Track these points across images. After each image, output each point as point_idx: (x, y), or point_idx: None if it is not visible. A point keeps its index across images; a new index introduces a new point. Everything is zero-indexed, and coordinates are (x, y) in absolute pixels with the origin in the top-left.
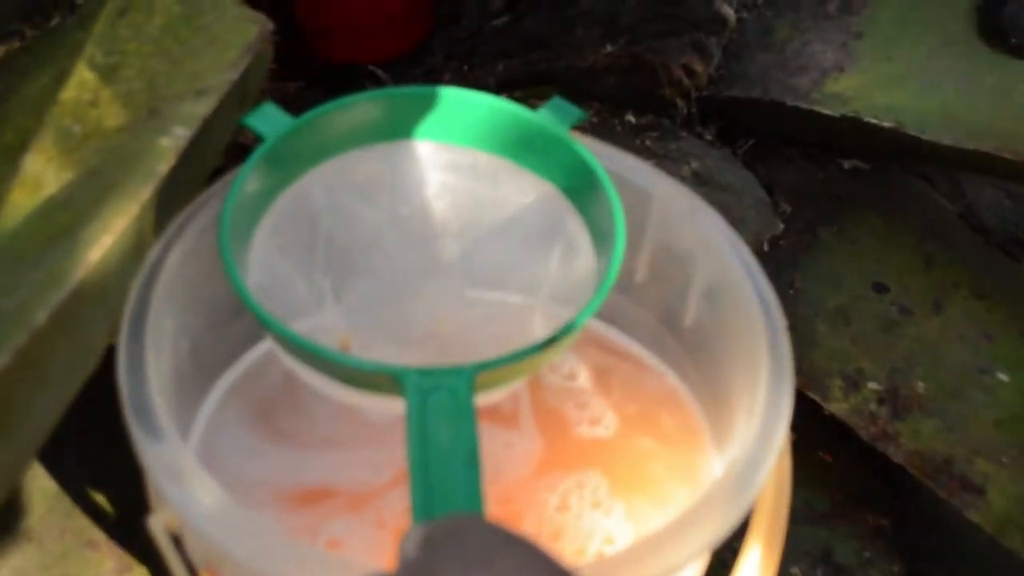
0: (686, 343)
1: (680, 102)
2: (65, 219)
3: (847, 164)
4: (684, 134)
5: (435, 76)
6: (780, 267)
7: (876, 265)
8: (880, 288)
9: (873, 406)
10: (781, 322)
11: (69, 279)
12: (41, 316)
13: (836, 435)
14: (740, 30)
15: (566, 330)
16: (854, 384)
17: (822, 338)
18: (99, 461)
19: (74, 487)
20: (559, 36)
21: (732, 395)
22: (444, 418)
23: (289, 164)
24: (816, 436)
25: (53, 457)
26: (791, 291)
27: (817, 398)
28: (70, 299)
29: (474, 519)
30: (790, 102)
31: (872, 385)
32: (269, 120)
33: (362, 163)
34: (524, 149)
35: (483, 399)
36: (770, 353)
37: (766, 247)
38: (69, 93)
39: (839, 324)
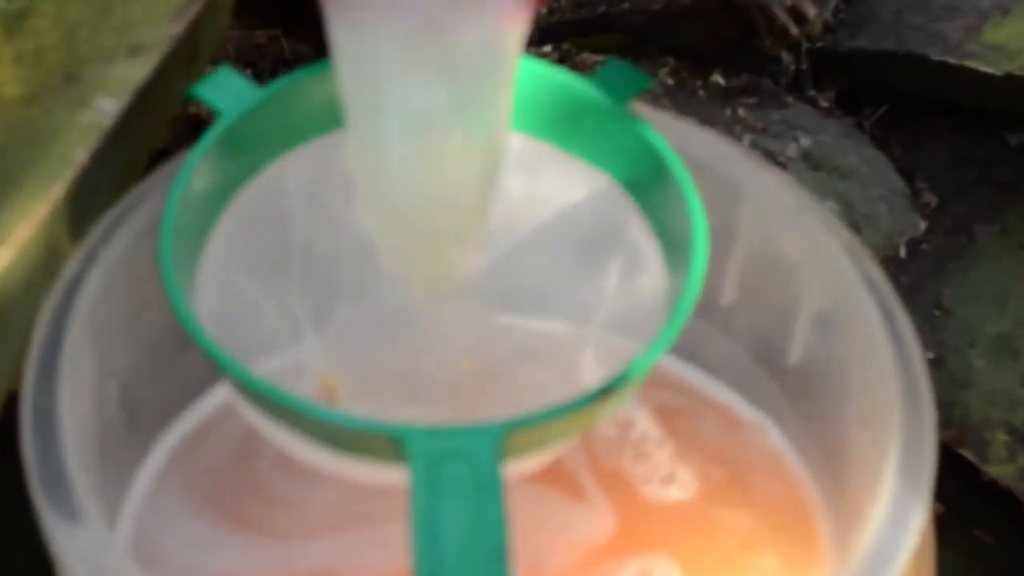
0: (789, 386)
1: (786, 57)
2: None
3: (1014, 140)
4: (791, 100)
5: None
6: (922, 281)
7: None
8: None
9: None
10: (919, 357)
11: None
12: None
13: (998, 507)
14: None
15: (629, 374)
16: (1023, 439)
17: (980, 377)
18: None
19: None
20: None
21: (851, 457)
22: (461, 496)
23: (254, 149)
24: (971, 509)
25: None
26: (937, 313)
27: (973, 458)
28: None
29: None
30: (935, 56)
31: None
32: (227, 90)
33: None
34: (571, 129)
35: (515, 468)
36: (904, 400)
37: (903, 253)
38: None
39: (1003, 358)
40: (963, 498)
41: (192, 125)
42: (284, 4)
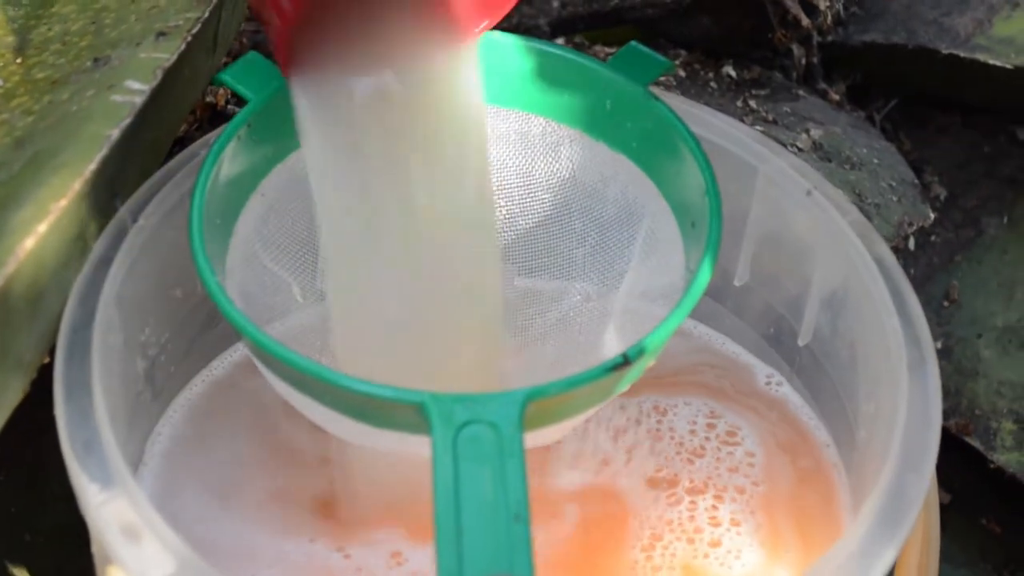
0: (799, 366)
1: (797, 50)
2: None
3: (1022, 134)
4: (802, 92)
5: None
6: (931, 271)
7: None
8: None
9: None
10: (926, 336)
11: None
12: None
13: (1006, 496)
14: None
15: (644, 347)
16: None
17: (987, 367)
18: (17, 523)
19: None
20: None
21: (860, 432)
22: (484, 461)
23: (281, 133)
24: (979, 497)
25: None
26: (946, 304)
27: (980, 447)
28: None
29: None
30: (945, 49)
31: None
32: (254, 75)
33: None
34: (591, 112)
35: (536, 439)
36: (911, 378)
37: (912, 244)
38: None
39: (1010, 348)
40: (971, 487)
41: (209, 113)
42: None
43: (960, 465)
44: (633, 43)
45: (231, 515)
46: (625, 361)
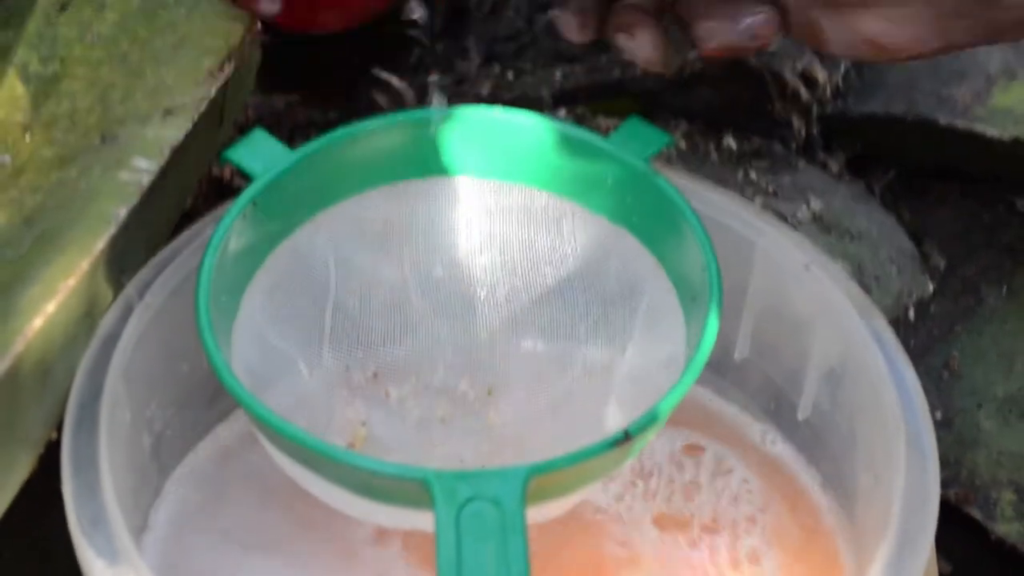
0: (799, 441)
1: (796, 121)
2: None
3: (1021, 204)
4: (802, 164)
5: (470, 86)
6: (931, 342)
7: None
8: None
9: None
10: (924, 410)
11: (3, 354)
12: None
13: (1007, 567)
14: None
15: (647, 420)
16: None
17: (988, 437)
18: None
19: None
20: None
21: (859, 503)
22: (486, 537)
23: (287, 210)
24: (980, 568)
25: None
26: (946, 374)
27: (980, 517)
28: (5, 380)
29: None
30: (943, 120)
31: None
32: (260, 152)
33: (382, 208)
34: (592, 186)
35: (537, 514)
36: (908, 449)
37: (912, 315)
38: None
39: (1011, 418)
40: (972, 558)
41: (216, 188)
42: (302, 70)
43: (961, 536)
44: (634, 117)
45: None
46: (627, 437)
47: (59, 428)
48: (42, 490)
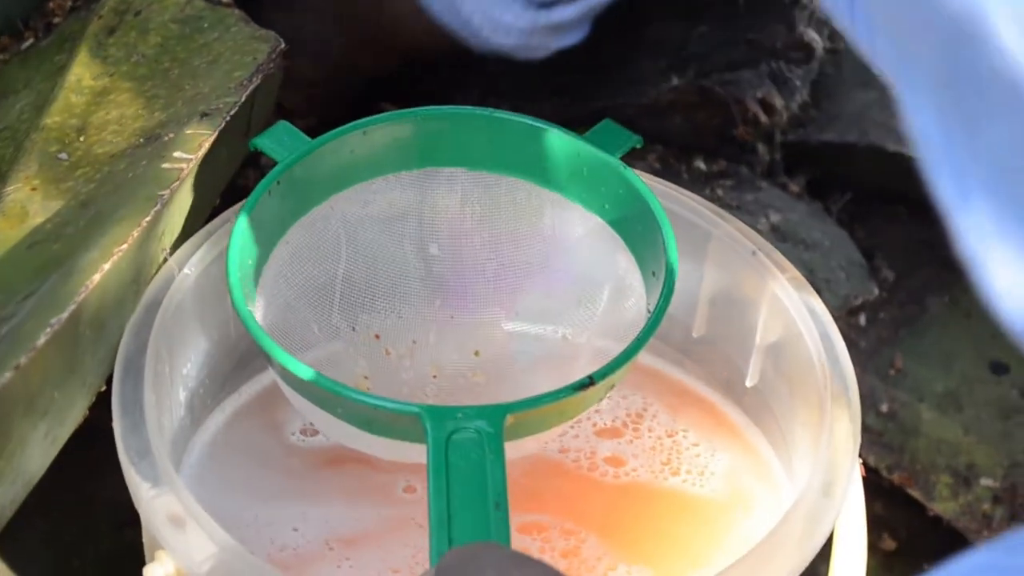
0: (747, 406)
1: (761, 147)
2: (57, 250)
3: None
4: (765, 185)
5: None
6: (880, 344)
7: (994, 341)
8: (999, 368)
9: (987, 506)
10: (850, 373)
11: (68, 303)
12: (41, 338)
13: (944, 541)
14: (835, 63)
15: (607, 371)
16: (965, 481)
17: (928, 427)
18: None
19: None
20: (617, 68)
21: (796, 456)
22: (470, 460)
23: (305, 191)
24: (920, 543)
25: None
26: (891, 372)
27: (921, 497)
28: (68, 323)
29: (490, 546)
30: (893, 147)
31: (986, 482)
32: (283, 140)
33: (387, 193)
34: (570, 178)
35: (514, 450)
36: (834, 405)
37: (863, 320)
38: (53, 119)
39: (949, 410)
40: (913, 534)
41: (241, 196)
42: (320, 98)
43: (904, 515)
44: (608, 120)
45: (255, 510)
46: (590, 382)
47: (108, 381)
48: (86, 457)
